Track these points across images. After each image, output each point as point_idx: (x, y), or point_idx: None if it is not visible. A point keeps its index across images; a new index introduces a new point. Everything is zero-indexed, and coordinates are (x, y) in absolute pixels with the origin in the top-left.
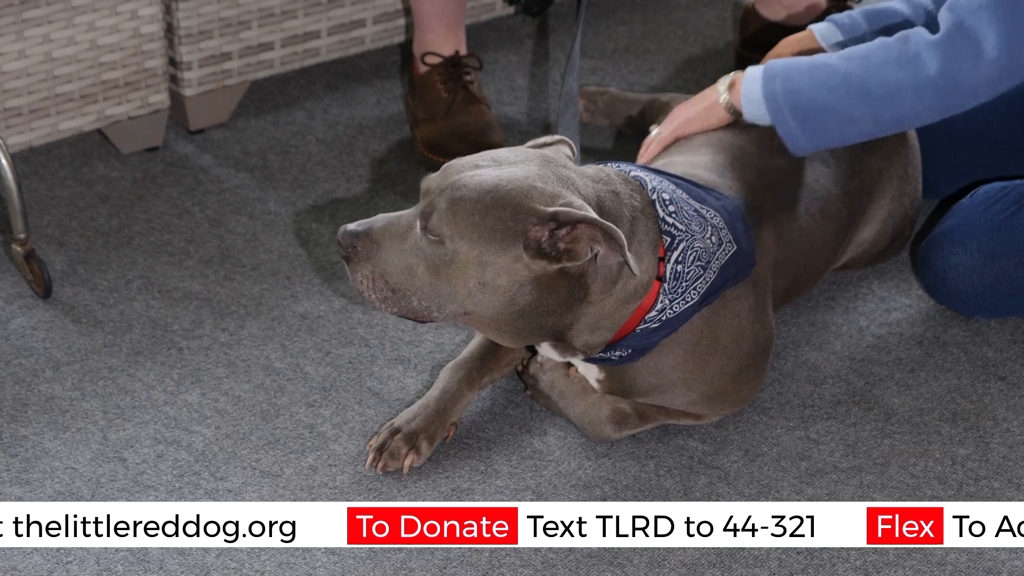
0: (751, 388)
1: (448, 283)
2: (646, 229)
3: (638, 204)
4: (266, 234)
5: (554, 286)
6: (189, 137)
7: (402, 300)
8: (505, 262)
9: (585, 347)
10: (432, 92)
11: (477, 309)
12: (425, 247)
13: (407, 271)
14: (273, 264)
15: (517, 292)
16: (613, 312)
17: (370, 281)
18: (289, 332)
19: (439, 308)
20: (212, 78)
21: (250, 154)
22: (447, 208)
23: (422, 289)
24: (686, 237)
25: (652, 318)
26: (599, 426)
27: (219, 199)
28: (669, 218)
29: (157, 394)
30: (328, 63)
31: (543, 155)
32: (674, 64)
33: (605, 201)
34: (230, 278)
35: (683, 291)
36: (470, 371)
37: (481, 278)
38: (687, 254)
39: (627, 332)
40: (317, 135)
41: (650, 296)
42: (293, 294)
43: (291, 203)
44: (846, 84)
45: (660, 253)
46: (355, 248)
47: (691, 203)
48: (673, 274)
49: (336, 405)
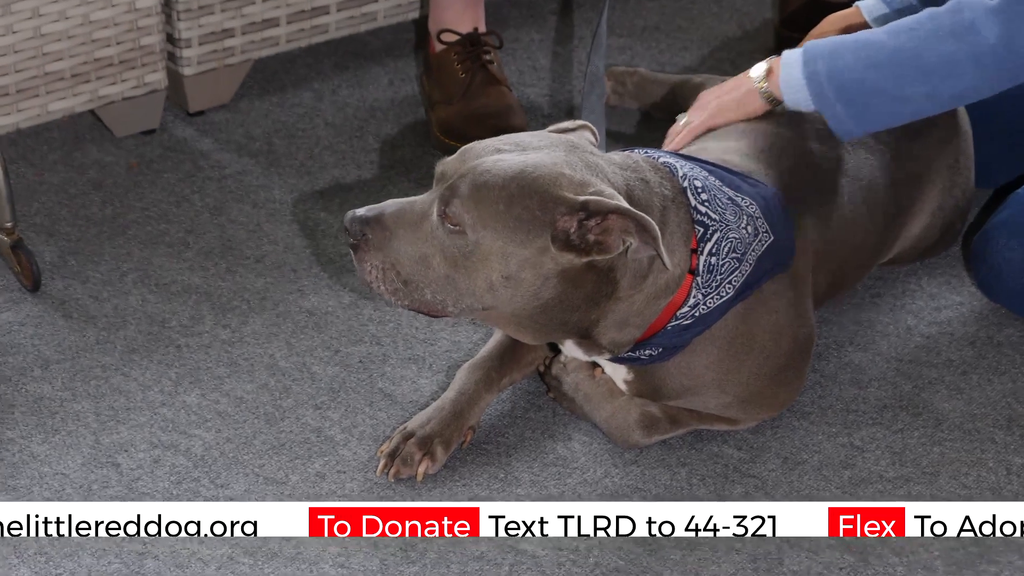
0: (790, 391)
1: (467, 276)
2: (677, 219)
3: (668, 193)
4: (270, 224)
5: (581, 280)
6: (188, 119)
7: (414, 293)
8: (530, 254)
9: (612, 345)
10: (449, 72)
11: (498, 304)
12: (442, 236)
13: (421, 262)
14: (278, 256)
15: (541, 286)
16: (643, 308)
17: (380, 272)
18: (295, 329)
19: (455, 302)
20: (213, 56)
21: (253, 138)
22: (469, 194)
23: (437, 281)
24: (720, 227)
25: (684, 314)
26: (627, 431)
27: (220, 186)
28: (702, 207)
29: (153, 395)
30: (337, 41)
31: (568, 140)
32: (708, 43)
33: (634, 190)
34: (232, 271)
35: (717, 285)
36: (489, 371)
37: (504, 271)
38: (721, 245)
39: (657, 329)
40: (325, 118)
41: (682, 291)
42: (299, 288)
43: (297, 190)
44: (895, 60)
45: (692, 245)
46: (364, 236)
47: (725, 191)
48: (707, 267)
49: (345, 407)
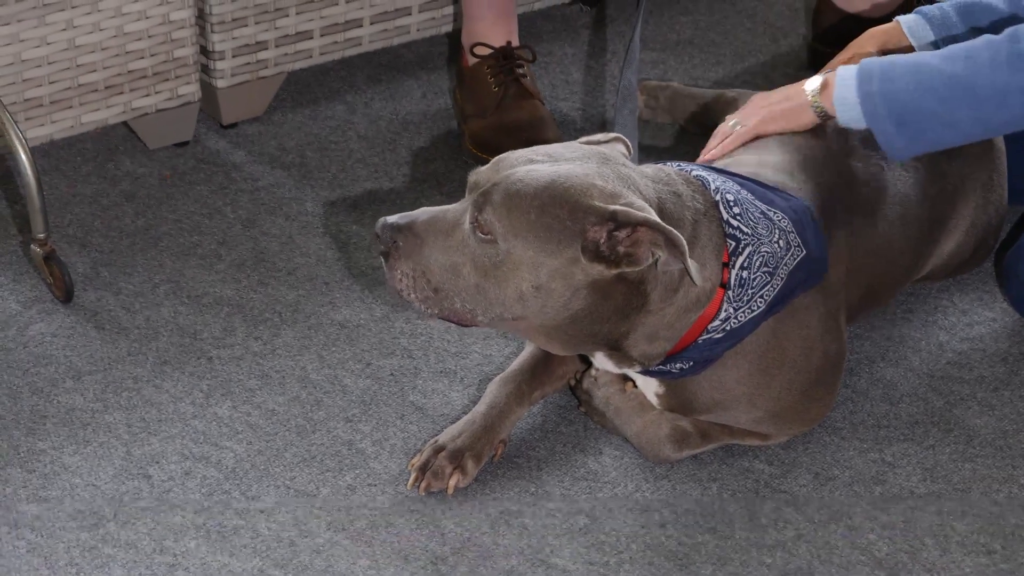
0: (821, 406)
1: (497, 285)
2: (709, 233)
3: (701, 206)
4: (303, 236)
5: (611, 292)
6: (221, 132)
7: (444, 301)
8: (560, 264)
9: (643, 357)
10: (482, 86)
11: (527, 314)
12: (473, 245)
13: (452, 270)
14: (310, 268)
15: (572, 297)
16: (673, 321)
17: (411, 280)
18: (327, 341)
19: (485, 312)
20: (246, 69)
21: (286, 150)
22: (501, 203)
23: (467, 290)
24: (752, 241)
25: (715, 328)
26: (658, 445)
27: (253, 198)
28: (734, 220)
29: (185, 407)
30: (371, 53)
31: (601, 152)
32: (741, 58)
33: (666, 203)
34: (264, 283)
35: (749, 299)
36: (520, 385)
37: (535, 281)
38: (753, 259)
39: (688, 343)
40: (358, 130)
41: (713, 304)
42: (331, 301)
43: (330, 203)
44: (950, 86)
45: (724, 258)
46: (395, 243)
47: (757, 204)
48: (738, 281)
49: (376, 420)
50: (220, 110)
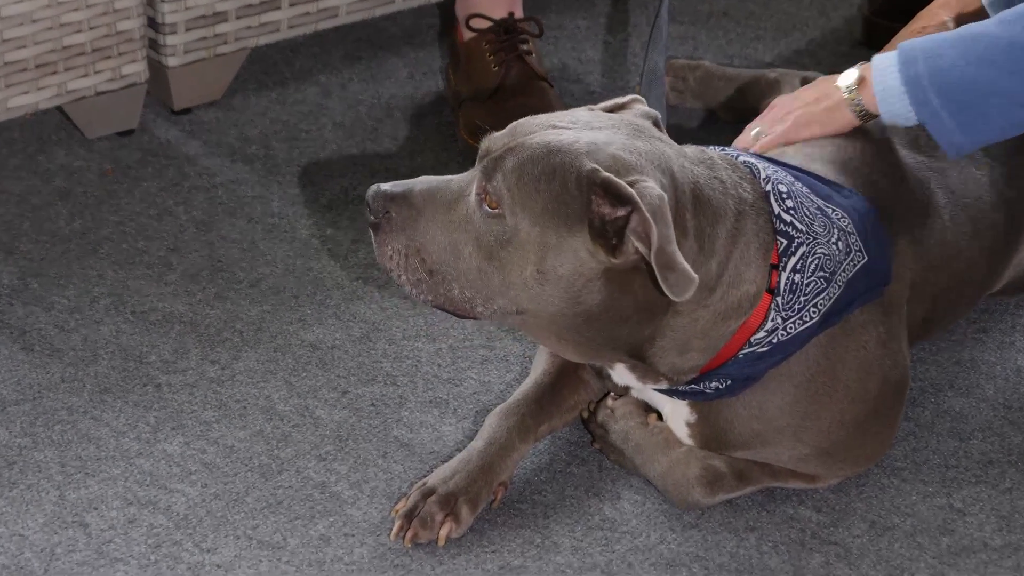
0: (879, 442)
1: (501, 269)
2: (756, 228)
3: (748, 196)
4: (268, 242)
5: (629, 285)
6: (172, 118)
7: (440, 287)
8: (569, 245)
9: (672, 372)
10: (480, 65)
11: (532, 306)
12: (478, 220)
13: (451, 250)
14: (276, 280)
15: (583, 288)
16: (709, 329)
17: (402, 258)
18: (296, 366)
19: (485, 301)
20: (202, 44)
21: (249, 140)
22: (513, 170)
23: (467, 275)
24: (806, 240)
25: (760, 340)
26: (686, 488)
27: (209, 197)
28: (786, 215)
29: (128, 442)
30: (348, 27)
31: (634, 123)
32: (785, 32)
33: (704, 189)
34: (222, 297)
35: (800, 308)
36: (523, 418)
37: (540, 264)
38: (807, 261)
39: (727, 357)
40: (333, 117)
41: (758, 312)
42: (301, 318)
43: (300, 203)
44: (1010, 54)
45: (773, 259)
46: (388, 214)
47: (813, 199)
48: (789, 285)
49: (354, 459)
50: (171, 93)
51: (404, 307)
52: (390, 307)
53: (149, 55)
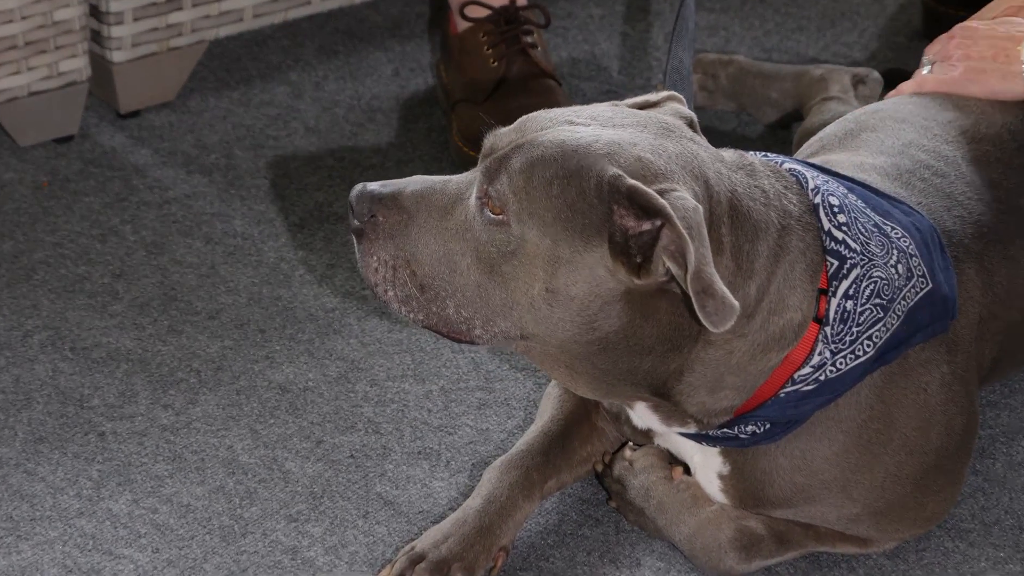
0: (942, 500)
1: (504, 286)
2: (802, 245)
3: (793, 208)
4: (229, 266)
5: (653, 310)
6: (118, 123)
7: (432, 304)
8: (585, 261)
9: (702, 413)
10: (476, 59)
11: (540, 330)
12: (479, 228)
13: (447, 262)
14: (239, 311)
15: (599, 312)
16: (745, 363)
17: (389, 270)
18: (263, 411)
19: (485, 323)
20: (153, 36)
21: (207, 149)
22: (521, 171)
23: (464, 291)
24: (861, 261)
25: (804, 376)
26: (718, 554)
27: (161, 214)
28: (837, 232)
29: (67, 500)
30: (323, 15)
31: (663, 121)
32: (832, 21)
33: (743, 199)
34: (176, 330)
35: (852, 340)
36: (528, 472)
37: (549, 281)
38: (861, 286)
39: (766, 397)
40: (306, 121)
41: (803, 344)
42: (268, 355)
43: (267, 221)
44: None
45: (822, 282)
46: (374, 219)
47: (869, 214)
48: (840, 314)
49: (331, 519)
50: (116, 93)
51: (389, 343)
52: (372, 343)
53: (91, 49)
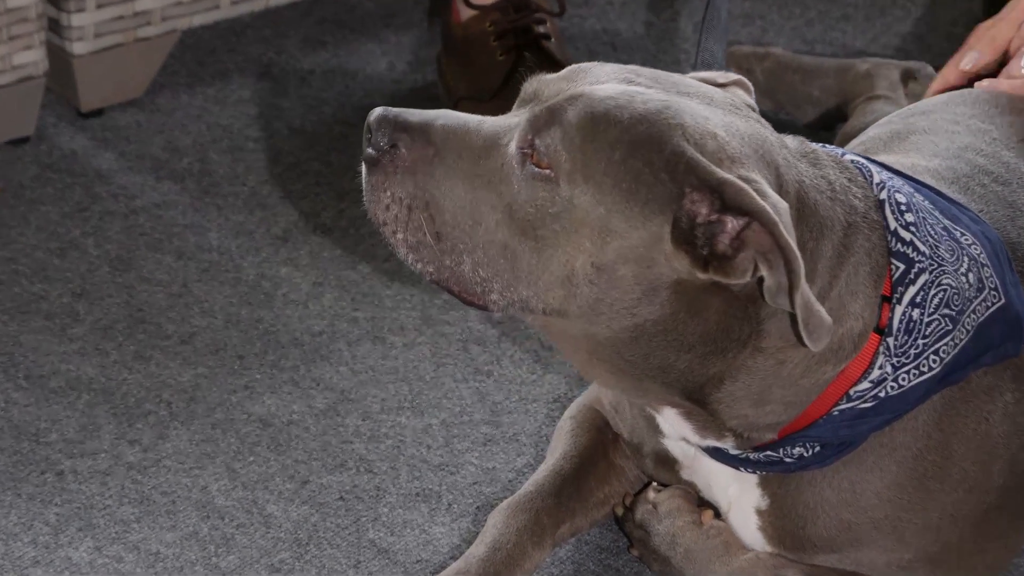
0: (1004, 547)
1: (538, 252)
2: (868, 246)
3: (859, 204)
4: (204, 284)
5: (703, 306)
6: (79, 123)
7: (447, 257)
8: (641, 239)
9: (743, 427)
10: (482, 52)
11: (569, 308)
12: (518, 182)
13: (472, 211)
14: (216, 334)
15: (643, 296)
16: (798, 375)
17: (403, 210)
18: (241, 447)
19: (505, 289)
20: (119, 25)
21: (179, 152)
22: (580, 124)
23: (488, 249)
24: (930, 266)
25: (862, 393)
26: None
27: (127, 225)
28: (904, 232)
29: (22, 547)
30: (309, 2)
31: (729, 98)
32: (881, 10)
33: (810, 191)
34: (144, 357)
35: (917, 354)
36: (538, 515)
37: (597, 255)
38: (929, 293)
39: (818, 415)
40: (289, 121)
41: (863, 356)
42: (248, 384)
43: (247, 233)
44: None
45: (885, 288)
46: (394, 148)
47: (938, 216)
48: (905, 324)
49: (317, 569)
50: (77, 89)
51: (383, 371)
52: (364, 371)
53: (49, 40)
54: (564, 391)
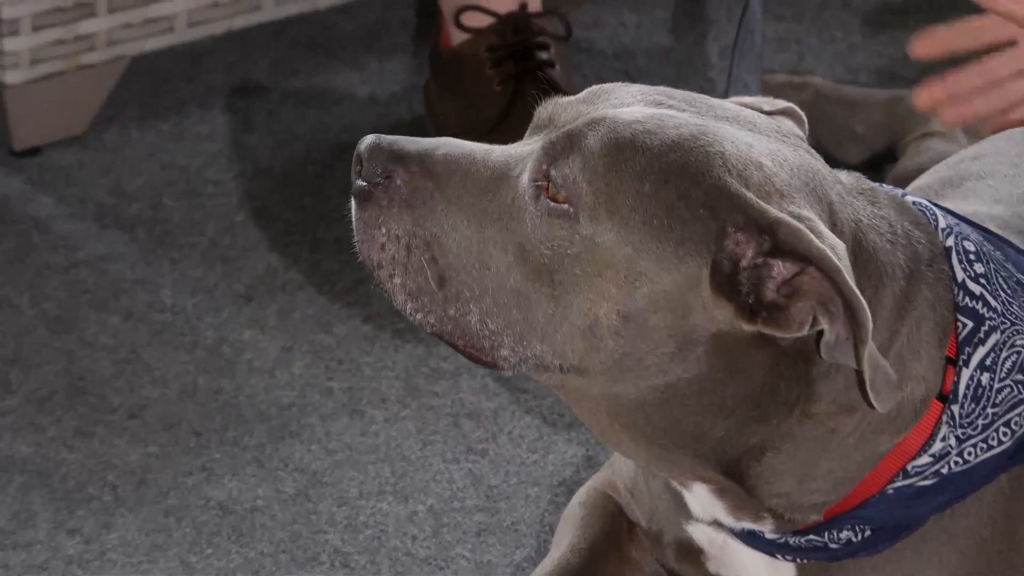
0: None
1: (556, 300)
2: (932, 298)
3: (923, 250)
4: (156, 349)
5: (746, 362)
6: (13, 163)
7: (451, 306)
8: (675, 283)
9: (783, 507)
10: (475, 81)
11: (590, 364)
12: (531, 218)
13: (479, 254)
14: (169, 407)
15: (677, 351)
16: (851, 447)
17: (401, 250)
18: (197, 537)
19: (517, 343)
20: (59, 51)
21: (127, 196)
22: (602, 152)
23: (498, 296)
24: (1002, 325)
25: (922, 468)
26: None
27: (68, 280)
28: (974, 285)
29: None
30: (279, 23)
31: (774, 124)
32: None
33: (868, 233)
34: (86, 433)
35: (986, 425)
36: None
37: (624, 304)
38: (1001, 356)
39: (870, 493)
40: (256, 160)
41: (923, 425)
42: (206, 465)
43: (205, 291)
44: None
45: (950, 349)
46: (390, 179)
47: (1011, 270)
48: (972, 390)
49: None
50: (11, 125)
51: (361, 449)
52: (340, 449)
53: None
54: (571, 473)
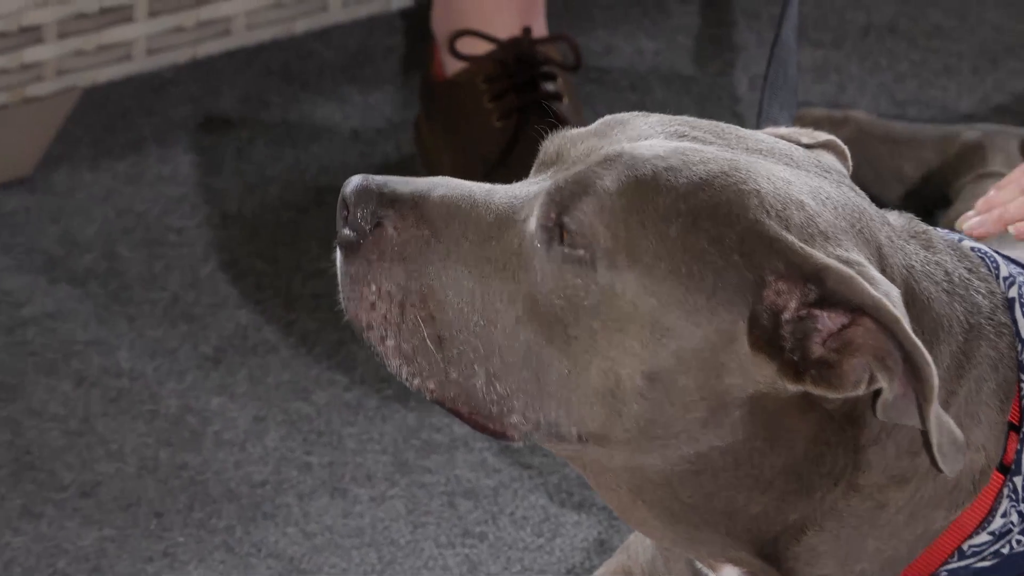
0: None
1: (573, 358)
2: (994, 356)
3: (983, 301)
4: (112, 419)
5: (785, 429)
6: None
7: (453, 368)
8: (705, 339)
9: None
10: (473, 116)
11: (612, 432)
12: (541, 267)
13: (482, 308)
14: (126, 485)
15: (709, 416)
16: (902, 524)
17: (394, 308)
18: None
19: (528, 408)
20: (2, 81)
21: (79, 246)
22: (618, 192)
23: (505, 356)
24: None
25: (980, 547)
26: None
27: (12, 342)
28: None
29: None
30: (250, 51)
31: (813, 157)
32: (994, 60)
33: (922, 281)
34: (33, 514)
35: None
36: None
37: (649, 362)
38: None
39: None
40: (225, 206)
41: (982, 500)
42: (167, 550)
43: (167, 353)
44: None
45: (1013, 412)
46: (380, 228)
47: None
48: None
49: None
50: None
51: (344, 532)
52: (320, 532)
53: None
54: (581, 559)
